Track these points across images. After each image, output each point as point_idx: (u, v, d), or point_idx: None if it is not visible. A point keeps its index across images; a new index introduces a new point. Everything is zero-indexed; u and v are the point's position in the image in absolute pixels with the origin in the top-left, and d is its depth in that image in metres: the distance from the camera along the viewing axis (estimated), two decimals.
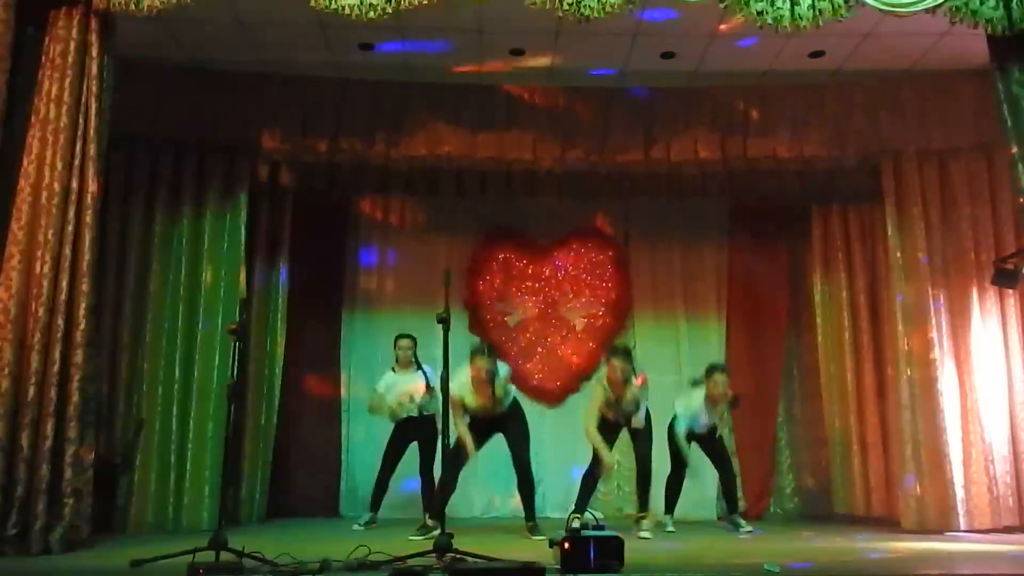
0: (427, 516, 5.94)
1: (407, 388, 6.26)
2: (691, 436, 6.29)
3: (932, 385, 6.16)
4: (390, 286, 7.73)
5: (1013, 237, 6.24)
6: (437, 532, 4.26)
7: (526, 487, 5.82)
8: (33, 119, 4.92)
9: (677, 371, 7.41)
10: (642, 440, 5.92)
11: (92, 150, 4.98)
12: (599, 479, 6.06)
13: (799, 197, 7.49)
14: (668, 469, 6.28)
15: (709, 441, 6.37)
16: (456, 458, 5.47)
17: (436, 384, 5.16)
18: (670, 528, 6.14)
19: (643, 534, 5.64)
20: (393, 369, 6.44)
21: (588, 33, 5.47)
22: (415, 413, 6.25)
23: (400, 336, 6.46)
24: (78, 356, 4.78)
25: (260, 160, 6.73)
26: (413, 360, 6.33)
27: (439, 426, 4.76)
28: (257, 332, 6.84)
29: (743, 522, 6.22)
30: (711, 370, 6.29)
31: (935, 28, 5.45)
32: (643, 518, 5.82)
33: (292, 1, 5.09)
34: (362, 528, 6.12)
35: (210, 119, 6.41)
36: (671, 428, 6.22)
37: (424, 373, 6.16)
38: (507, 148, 6.65)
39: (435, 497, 5.72)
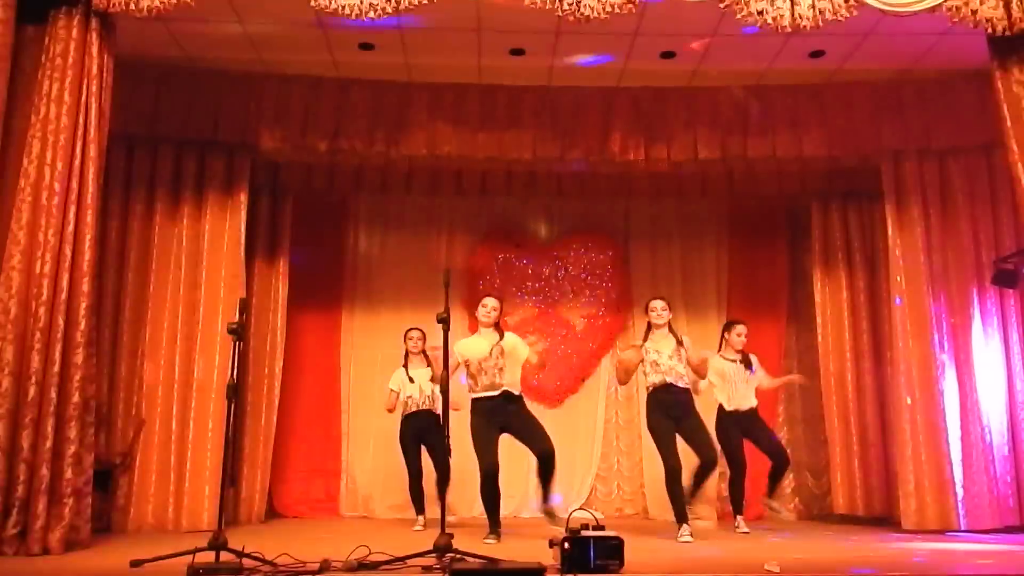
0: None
1: (419, 381, 6.34)
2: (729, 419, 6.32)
3: (932, 385, 6.16)
4: (390, 286, 7.73)
5: (1013, 237, 6.25)
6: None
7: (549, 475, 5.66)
8: (33, 119, 4.92)
9: None
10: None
11: (92, 150, 4.98)
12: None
13: (799, 197, 7.50)
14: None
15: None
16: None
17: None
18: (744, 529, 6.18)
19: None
20: (404, 366, 6.45)
21: (588, 33, 5.47)
22: (426, 406, 6.29)
23: (411, 328, 6.50)
24: (78, 356, 4.78)
25: (260, 160, 6.73)
26: (423, 353, 6.41)
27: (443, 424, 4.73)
28: (257, 332, 6.84)
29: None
30: (730, 324, 6.51)
31: (935, 28, 5.45)
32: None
33: (292, 1, 5.09)
34: (421, 530, 6.08)
35: (210, 119, 6.41)
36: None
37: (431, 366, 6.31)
38: (507, 148, 6.65)
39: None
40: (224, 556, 3.99)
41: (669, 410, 5.66)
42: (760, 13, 4.95)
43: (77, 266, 4.86)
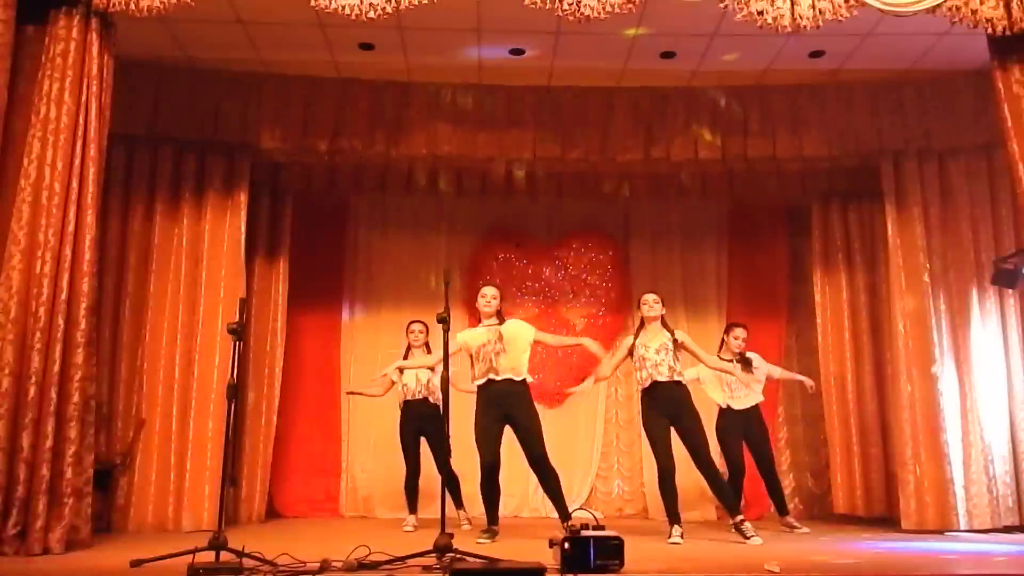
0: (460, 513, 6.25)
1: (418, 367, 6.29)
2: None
3: (932, 385, 6.16)
4: (390, 286, 7.73)
5: (1013, 237, 6.25)
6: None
7: (550, 482, 5.57)
8: (33, 119, 4.92)
9: None
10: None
11: (92, 150, 4.98)
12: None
13: (799, 197, 7.50)
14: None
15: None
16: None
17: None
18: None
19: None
20: (404, 358, 6.42)
21: (588, 33, 5.47)
22: (421, 394, 6.26)
23: (412, 321, 6.49)
24: (78, 356, 4.78)
25: (260, 160, 6.73)
26: (425, 346, 6.40)
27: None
28: (257, 332, 6.85)
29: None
30: (731, 326, 6.51)
31: (935, 28, 5.45)
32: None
33: (292, 1, 5.09)
34: (412, 530, 6.06)
35: (210, 119, 6.41)
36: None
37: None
38: (507, 148, 6.66)
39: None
40: (224, 556, 3.99)
41: (663, 408, 5.52)
42: (760, 13, 4.95)
43: (77, 266, 4.86)
